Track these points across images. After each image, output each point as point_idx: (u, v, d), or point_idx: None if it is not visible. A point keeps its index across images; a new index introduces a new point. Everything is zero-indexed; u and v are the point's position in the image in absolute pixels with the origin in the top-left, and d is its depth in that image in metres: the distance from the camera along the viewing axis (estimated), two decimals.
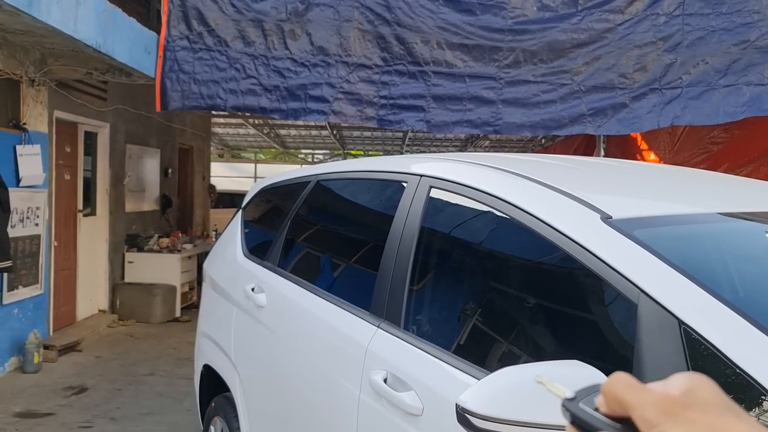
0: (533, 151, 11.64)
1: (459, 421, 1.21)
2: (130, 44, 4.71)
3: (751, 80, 4.76)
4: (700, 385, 0.45)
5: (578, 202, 1.45)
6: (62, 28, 3.92)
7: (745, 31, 4.79)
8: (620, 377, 0.46)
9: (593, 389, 0.49)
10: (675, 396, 0.44)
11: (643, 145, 6.64)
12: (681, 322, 1.13)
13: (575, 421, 0.47)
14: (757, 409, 1.03)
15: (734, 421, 0.42)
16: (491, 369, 1.34)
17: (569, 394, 0.49)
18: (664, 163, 5.81)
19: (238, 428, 2.38)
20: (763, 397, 1.01)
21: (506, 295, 1.70)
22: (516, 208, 1.51)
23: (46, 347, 5.23)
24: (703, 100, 4.81)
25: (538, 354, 1.46)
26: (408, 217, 1.80)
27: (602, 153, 6.56)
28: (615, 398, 0.45)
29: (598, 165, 2.25)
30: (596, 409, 0.46)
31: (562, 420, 0.49)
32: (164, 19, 4.82)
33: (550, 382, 0.52)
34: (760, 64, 4.78)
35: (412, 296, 1.71)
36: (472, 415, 1.15)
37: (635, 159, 6.31)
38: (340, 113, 4.92)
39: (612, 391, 0.46)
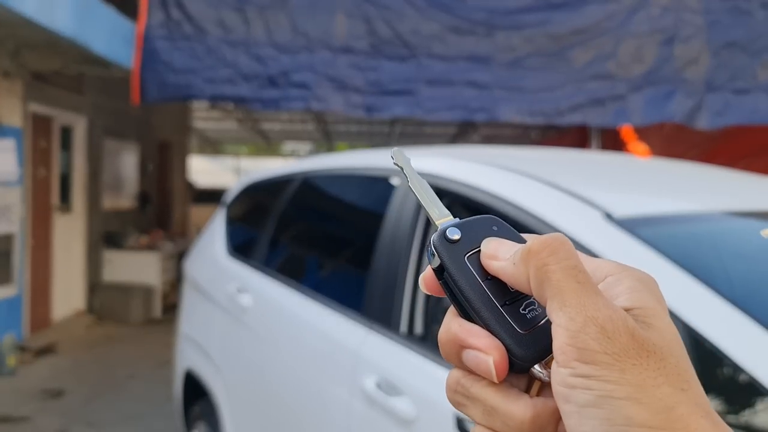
0: None
1: (457, 427, 1.15)
2: (109, 35, 4.57)
3: (736, 86, 4.76)
4: (653, 281, 0.30)
5: (579, 200, 1.40)
6: (37, 17, 3.78)
7: (732, 32, 4.79)
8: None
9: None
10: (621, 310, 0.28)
11: (634, 140, 6.66)
12: (686, 324, 1.09)
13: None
14: (760, 409, 0.99)
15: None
16: None
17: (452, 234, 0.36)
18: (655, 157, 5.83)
19: None
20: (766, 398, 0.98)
21: None
22: (513, 206, 1.45)
23: (21, 350, 5.09)
24: (695, 102, 4.80)
25: None
26: (400, 215, 1.74)
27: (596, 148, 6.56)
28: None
29: (599, 160, 2.20)
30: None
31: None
32: (143, 7, 4.68)
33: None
34: (747, 67, 4.78)
35: (404, 298, 1.64)
36: (469, 422, 1.09)
37: (625, 153, 6.32)
38: (323, 100, 4.76)
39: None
